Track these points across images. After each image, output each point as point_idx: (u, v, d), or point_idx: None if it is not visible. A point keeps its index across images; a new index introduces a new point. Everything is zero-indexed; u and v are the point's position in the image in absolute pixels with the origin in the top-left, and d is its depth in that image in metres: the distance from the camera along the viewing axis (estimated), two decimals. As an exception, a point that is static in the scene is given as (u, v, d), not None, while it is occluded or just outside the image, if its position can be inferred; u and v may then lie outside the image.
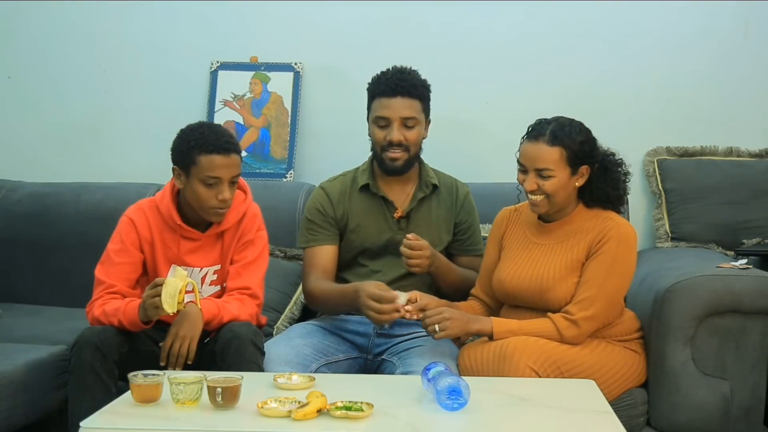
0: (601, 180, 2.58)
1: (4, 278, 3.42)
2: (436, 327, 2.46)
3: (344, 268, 2.84)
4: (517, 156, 2.58)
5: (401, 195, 2.82)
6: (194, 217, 2.60)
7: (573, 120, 2.57)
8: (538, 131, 2.54)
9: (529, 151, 2.53)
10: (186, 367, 2.38)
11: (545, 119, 2.57)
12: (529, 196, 2.56)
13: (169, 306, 2.31)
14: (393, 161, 2.74)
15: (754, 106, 3.48)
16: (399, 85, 2.72)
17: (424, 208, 2.82)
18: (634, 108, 3.51)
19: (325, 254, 2.80)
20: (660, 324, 2.55)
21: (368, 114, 2.80)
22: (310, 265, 2.80)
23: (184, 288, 2.34)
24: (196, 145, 2.51)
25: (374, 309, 2.49)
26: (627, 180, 2.64)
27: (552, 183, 2.51)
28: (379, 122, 2.74)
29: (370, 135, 2.79)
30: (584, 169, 2.55)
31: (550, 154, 2.50)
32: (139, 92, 3.72)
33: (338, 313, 2.74)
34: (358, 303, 2.54)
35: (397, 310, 2.48)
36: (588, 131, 2.57)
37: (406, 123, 2.73)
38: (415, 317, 2.49)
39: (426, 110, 2.80)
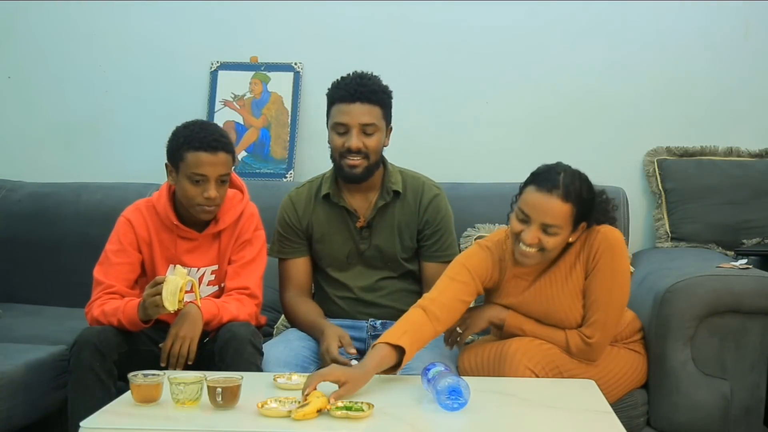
0: (593, 220, 2.44)
1: (4, 278, 3.42)
2: (458, 329, 2.47)
3: (320, 275, 2.82)
4: (517, 202, 2.40)
5: (364, 203, 2.75)
6: (191, 216, 2.60)
7: (578, 171, 2.40)
8: (551, 183, 2.33)
9: (540, 203, 2.33)
10: (186, 367, 2.38)
11: (552, 167, 2.39)
12: (522, 246, 2.36)
13: (169, 304, 2.31)
14: (352, 168, 2.65)
15: (754, 106, 3.48)
16: (358, 90, 2.62)
17: (387, 215, 2.73)
18: (634, 108, 3.51)
19: (298, 268, 2.79)
20: (660, 324, 2.55)
21: (327, 120, 2.71)
22: (284, 279, 2.81)
23: (184, 286, 2.35)
24: (185, 141, 2.51)
25: (330, 354, 2.51)
26: (615, 208, 2.51)
27: (555, 240, 2.35)
28: (337, 129, 2.65)
29: (329, 142, 2.70)
30: (582, 226, 2.41)
31: (562, 211, 2.32)
32: (139, 92, 3.72)
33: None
34: (320, 345, 2.59)
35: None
36: (592, 186, 2.41)
37: (365, 130, 2.63)
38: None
39: (387, 117, 2.70)
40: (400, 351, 2.25)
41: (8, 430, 2.55)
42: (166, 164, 2.57)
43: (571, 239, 2.41)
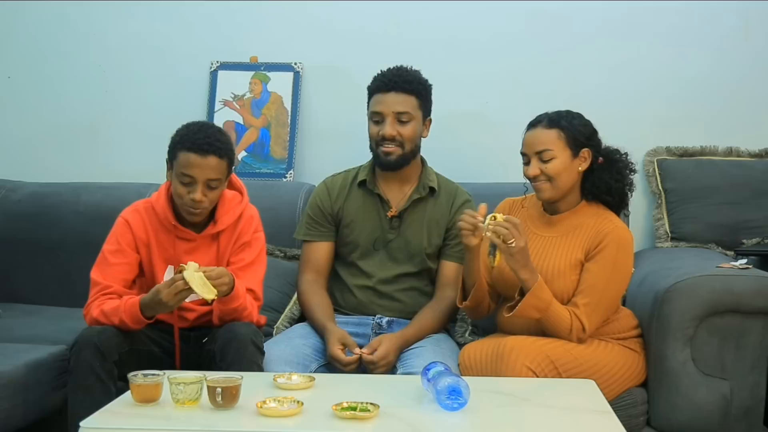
0: (605, 171, 2.62)
1: (4, 278, 3.42)
2: (513, 243, 2.41)
3: (340, 264, 2.86)
4: (521, 150, 2.63)
5: (398, 195, 2.83)
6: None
7: (573, 111, 2.64)
8: (536, 120, 2.62)
9: (528, 138, 2.60)
10: (186, 368, 2.38)
11: (545, 113, 2.64)
12: (534, 183, 2.59)
13: (208, 293, 2.34)
14: (387, 155, 2.76)
15: (754, 106, 3.48)
16: (393, 80, 2.75)
17: (419, 209, 2.82)
18: (634, 108, 3.51)
19: (320, 252, 2.84)
20: (660, 324, 2.55)
21: (367, 112, 2.83)
22: (304, 261, 2.86)
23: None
24: (179, 141, 2.52)
25: (335, 358, 2.56)
26: (632, 173, 2.68)
27: (554, 165, 2.55)
28: (374, 117, 2.77)
29: (369, 132, 2.82)
30: (586, 153, 2.59)
31: (548, 135, 2.56)
32: (138, 92, 3.72)
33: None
34: (325, 341, 2.63)
35: (353, 363, 2.56)
36: (588, 121, 2.64)
37: (399, 118, 2.75)
38: None
39: (424, 108, 2.81)
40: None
41: (8, 431, 2.55)
42: (166, 160, 2.57)
43: (580, 168, 2.58)
